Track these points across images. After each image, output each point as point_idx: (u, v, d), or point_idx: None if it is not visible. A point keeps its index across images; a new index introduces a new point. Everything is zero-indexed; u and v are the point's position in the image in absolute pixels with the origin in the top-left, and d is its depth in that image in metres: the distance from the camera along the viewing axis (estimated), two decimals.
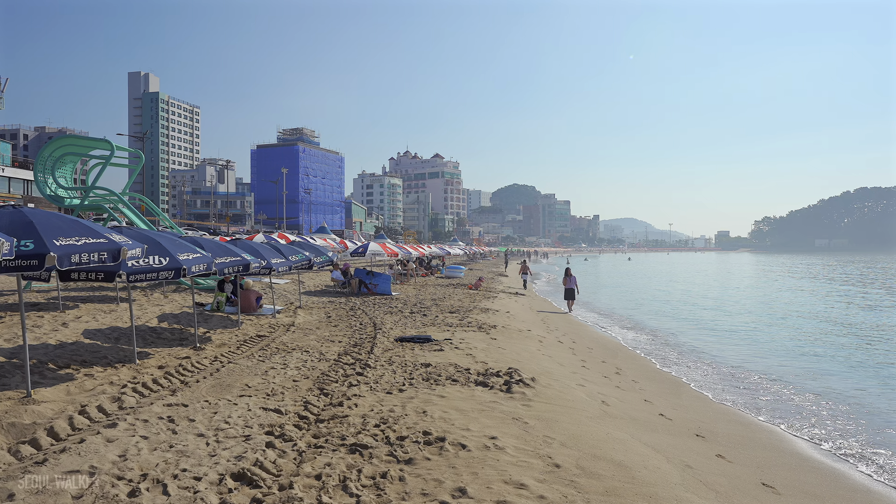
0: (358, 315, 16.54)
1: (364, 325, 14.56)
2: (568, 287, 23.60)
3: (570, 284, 23.53)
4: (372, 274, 23.46)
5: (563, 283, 23.81)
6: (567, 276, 23.78)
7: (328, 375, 8.50)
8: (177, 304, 15.90)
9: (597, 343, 16.08)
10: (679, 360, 14.63)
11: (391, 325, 14.60)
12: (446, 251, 51.96)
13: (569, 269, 24.34)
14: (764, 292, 39.26)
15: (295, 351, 10.55)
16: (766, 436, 8.33)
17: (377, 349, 10.85)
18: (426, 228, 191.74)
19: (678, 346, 16.76)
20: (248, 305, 15.52)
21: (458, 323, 15.35)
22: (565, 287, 23.72)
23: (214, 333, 12.19)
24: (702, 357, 15.08)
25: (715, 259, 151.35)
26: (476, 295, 25.34)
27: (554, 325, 18.42)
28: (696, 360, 14.53)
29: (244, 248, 12.28)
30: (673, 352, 15.79)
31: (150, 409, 6.38)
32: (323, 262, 16.91)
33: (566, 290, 23.68)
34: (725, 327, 21.39)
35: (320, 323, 14.73)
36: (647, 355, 15.11)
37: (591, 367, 11.70)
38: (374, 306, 18.84)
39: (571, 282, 23.54)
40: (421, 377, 8.52)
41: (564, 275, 23.90)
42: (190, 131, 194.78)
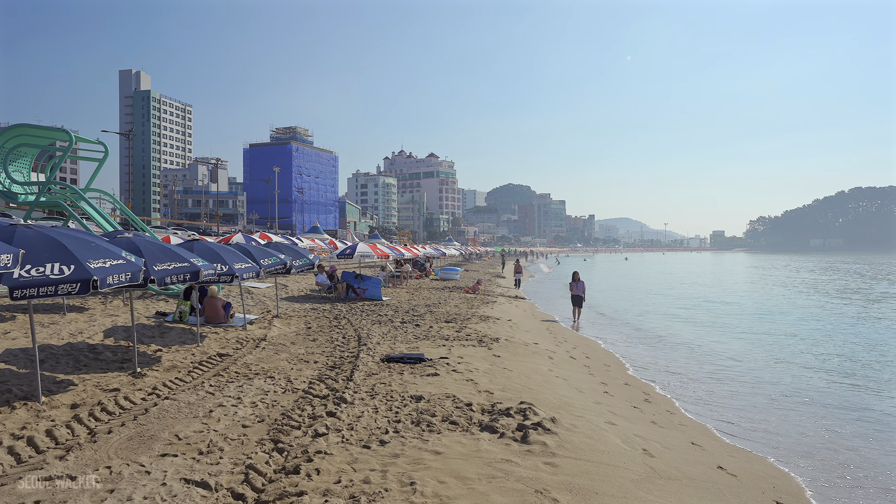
0: (342, 325, 14.64)
1: (347, 338, 12.66)
2: (575, 294, 20.98)
3: (578, 291, 20.92)
4: (361, 277, 21.56)
5: (570, 288, 21.09)
6: (574, 281, 21.02)
7: (290, 417, 6.59)
8: (134, 315, 13.93)
9: (612, 358, 14.21)
10: (707, 379, 12.79)
11: (378, 338, 12.71)
12: (441, 252, 50.05)
13: (577, 274, 21.27)
14: (773, 295, 37.54)
15: (258, 377, 8.65)
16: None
17: (358, 373, 8.95)
18: (421, 228, 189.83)
19: (704, 360, 14.92)
20: (215, 315, 13.60)
21: (455, 335, 13.47)
22: (572, 293, 21.04)
23: (168, 352, 10.27)
24: (738, 377, 13.23)
25: (712, 259, 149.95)
26: (474, 300, 23.48)
27: (562, 336, 16.56)
28: (735, 381, 12.68)
29: (202, 251, 10.37)
30: (695, 364, 13.95)
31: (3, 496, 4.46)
32: (303, 265, 15.01)
33: (573, 297, 21.04)
34: (755, 337, 19.55)
35: (297, 336, 12.82)
36: (672, 373, 13.26)
37: (615, 393, 9.84)
38: (361, 314, 16.95)
39: (579, 287, 20.93)
40: (410, 419, 6.63)
41: (572, 279, 21.12)
42: (182, 130, 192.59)
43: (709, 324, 22.71)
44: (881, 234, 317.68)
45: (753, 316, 25.60)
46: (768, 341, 18.24)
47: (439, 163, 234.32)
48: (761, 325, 22.26)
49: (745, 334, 19.78)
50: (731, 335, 19.58)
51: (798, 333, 20.06)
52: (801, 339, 18.69)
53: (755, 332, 20.28)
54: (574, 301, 21.06)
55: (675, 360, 14.72)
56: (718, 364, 14.27)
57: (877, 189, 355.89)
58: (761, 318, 24.58)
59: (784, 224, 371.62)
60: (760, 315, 25.96)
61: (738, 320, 23.87)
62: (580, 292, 20.88)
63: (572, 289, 21.01)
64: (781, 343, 17.89)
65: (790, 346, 17.20)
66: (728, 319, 24.18)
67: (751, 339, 18.77)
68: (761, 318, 24.58)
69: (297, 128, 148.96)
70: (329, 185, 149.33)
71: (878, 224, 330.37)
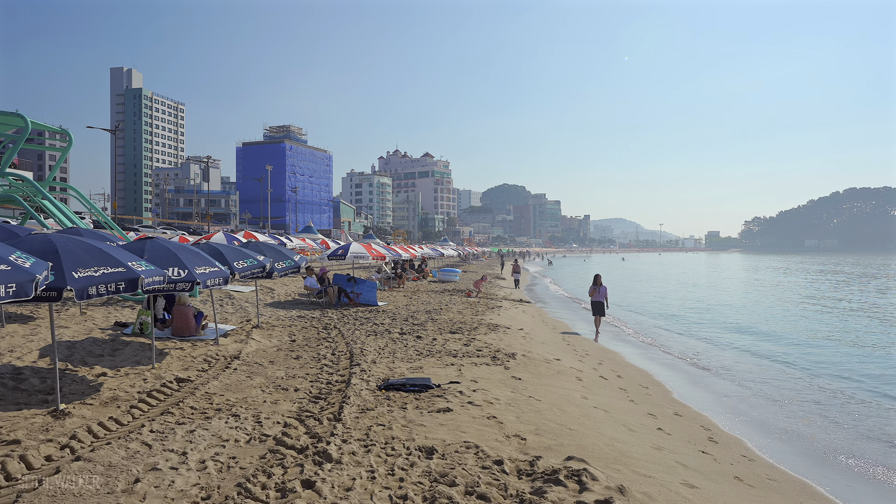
0: (332, 337, 12.68)
1: (337, 354, 10.70)
2: (596, 300, 17.92)
3: (599, 297, 17.81)
4: (354, 280, 19.59)
5: (590, 293, 18.02)
6: (595, 285, 17.96)
7: (249, 491, 4.62)
8: (87, 327, 11.93)
9: (646, 377, 12.28)
10: (772, 406, 10.90)
11: (374, 354, 10.76)
12: (439, 252, 48.10)
13: (598, 278, 18.11)
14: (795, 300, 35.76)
15: (219, 415, 6.69)
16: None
17: (349, 409, 6.99)
18: (416, 228, 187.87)
19: (763, 378, 13.04)
20: (184, 327, 11.62)
21: (463, 350, 11.53)
22: (592, 300, 18.05)
23: (114, 377, 8.29)
24: (822, 403, 11.34)
25: (710, 260, 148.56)
26: (478, 305, 21.54)
27: (582, 349, 14.62)
28: (824, 411, 10.78)
29: (155, 253, 8.39)
30: (752, 384, 12.08)
31: None
32: (286, 268, 13.03)
33: (594, 304, 18.08)
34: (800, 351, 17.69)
35: (278, 352, 10.85)
36: (722, 397, 11.37)
37: (671, 429, 7.91)
38: (354, 323, 14.99)
39: (601, 293, 17.80)
40: (421, 494, 4.66)
41: (592, 283, 18.13)
42: (174, 129, 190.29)
43: (744, 329, 20.83)
44: (876, 234, 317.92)
45: (787, 323, 23.77)
46: (827, 349, 16.38)
47: (434, 162, 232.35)
48: (807, 331, 20.43)
49: (795, 343, 17.93)
50: (780, 344, 17.71)
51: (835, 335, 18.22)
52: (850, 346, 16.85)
53: (803, 344, 18.43)
54: (594, 308, 18.18)
55: (721, 380, 12.81)
56: (783, 384, 12.38)
57: (871, 189, 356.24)
58: (801, 323, 22.76)
59: (779, 224, 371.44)
60: (799, 321, 24.14)
61: (775, 327, 22.01)
62: (602, 298, 17.90)
63: (593, 294, 18.03)
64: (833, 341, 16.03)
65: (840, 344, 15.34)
66: (766, 326, 22.32)
67: (805, 350, 16.91)
68: (801, 323, 22.76)
69: (290, 126, 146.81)
70: (323, 184, 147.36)
71: (872, 224, 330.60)
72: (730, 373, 13.30)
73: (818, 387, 11.98)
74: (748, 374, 13.17)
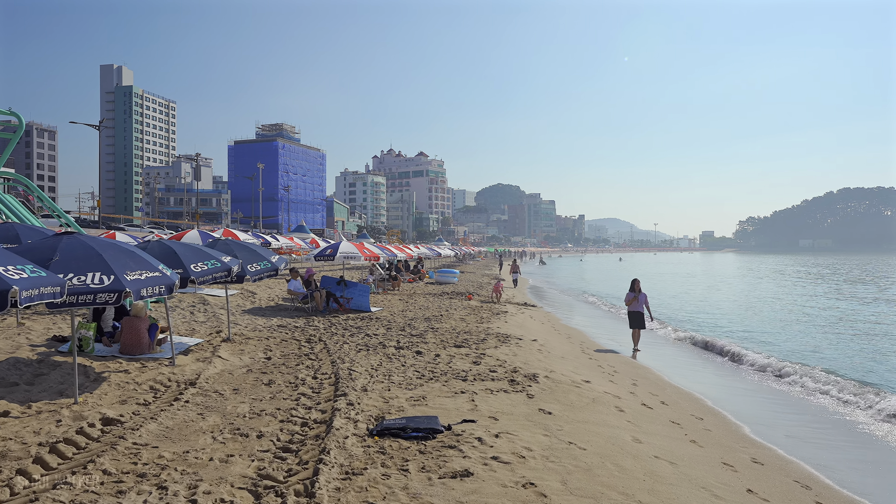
0: (315, 353, 10.65)
1: (320, 378, 8.67)
2: (634, 310, 14.78)
3: (638, 306, 14.71)
4: (344, 284, 17.56)
5: (627, 302, 15.00)
6: (633, 292, 14.76)
7: None
8: (15, 343, 9.82)
9: (698, 404, 10.25)
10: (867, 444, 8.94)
11: (365, 377, 8.74)
12: (436, 252, 46.12)
13: (637, 283, 14.99)
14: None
15: (140, 486, 4.64)
16: None
17: (328, 472, 4.96)
18: (410, 228, 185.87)
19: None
20: (135, 342, 9.55)
21: (474, 370, 9.52)
22: (630, 310, 14.93)
23: (21, 417, 6.23)
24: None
25: (707, 259, 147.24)
26: (481, 310, 19.55)
27: (608, 364, 12.62)
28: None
29: (70, 252, 6.34)
30: (833, 414, 10.14)
31: None
32: (262, 270, 10.97)
33: (632, 315, 14.90)
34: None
35: (247, 375, 8.81)
36: (808, 430, 9.40)
37: (767, 493, 5.91)
38: (343, 333, 12.96)
39: (640, 301, 14.71)
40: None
41: (630, 289, 14.94)
42: (166, 127, 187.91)
43: (789, 337, 18.92)
44: (870, 234, 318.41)
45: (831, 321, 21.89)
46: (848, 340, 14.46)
47: (429, 162, 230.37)
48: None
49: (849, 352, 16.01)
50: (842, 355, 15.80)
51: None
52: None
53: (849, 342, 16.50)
54: (633, 320, 14.89)
55: (789, 411, 10.85)
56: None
57: (865, 189, 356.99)
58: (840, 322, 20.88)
59: (773, 224, 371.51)
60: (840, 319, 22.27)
61: (814, 329, 20.13)
62: (642, 307, 14.71)
63: (631, 303, 14.81)
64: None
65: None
66: (808, 332, 20.42)
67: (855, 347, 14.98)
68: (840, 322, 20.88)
69: (283, 125, 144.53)
70: (316, 183, 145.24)
71: (866, 224, 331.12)
72: (794, 398, 11.34)
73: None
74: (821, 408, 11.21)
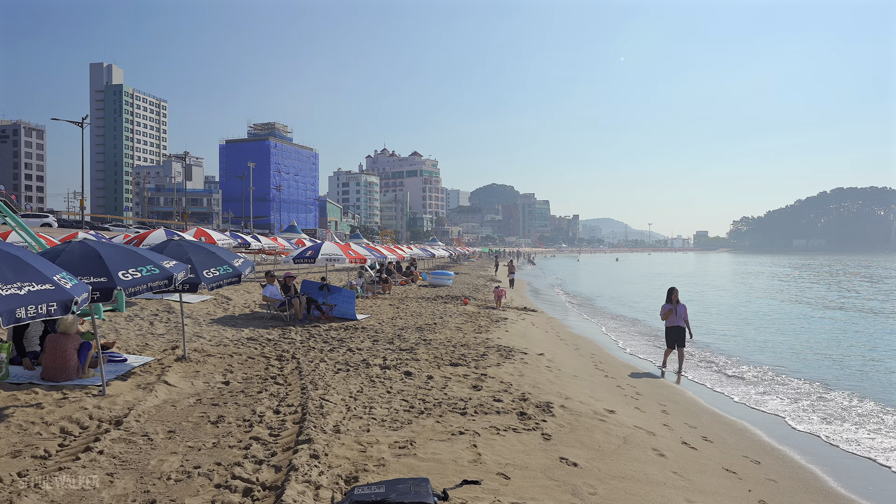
0: (285, 375, 8.92)
1: (283, 413, 6.95)
2: (673, 325, 12.29)
3: (678, 320, 12.24)
4: (328, 289, 15.83)
5: (662, 315, 12.40)
6: (671, 303, 12.28)
7: None
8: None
9: (745, 438, 8.55)
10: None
11: (341, 411, 7.03)
12: (430, 253, 44.41)
13: (675, 292, 12.32)
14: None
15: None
16: None
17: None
18: (404, 228, 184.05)
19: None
20: (59, 366, 7.80)
21: (475, 399, 7.82)
22: (667, 325, 12.38)
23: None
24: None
25: (702, 259, 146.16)
26: (478, 316, 17.86)
27: (626, 383, 10.91)
28: None
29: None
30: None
31: None
32: (221, 276, 9.22)
33: (669, 332, 12.37)
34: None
35: (194, 408, 7.08)
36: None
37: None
38: (322, 347, 11.22)
39: (680, 315, 12.24)
40: None
41: (667, 299, 12.40)
42: (156, 126, 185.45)
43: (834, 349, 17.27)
44: (863, 234, 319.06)
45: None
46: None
47: (423, 161, 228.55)
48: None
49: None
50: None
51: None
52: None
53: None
54: (671, 337, 12.34)
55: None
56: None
57: (858, 189, 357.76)
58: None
59: (767, 224, 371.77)
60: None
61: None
62: (682, 321, 12.22)
63: (667, 316, 12.27)
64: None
65: None
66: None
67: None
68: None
69: (275, 124, 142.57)
70: (309, 183, 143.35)
71: (859, 224, 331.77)
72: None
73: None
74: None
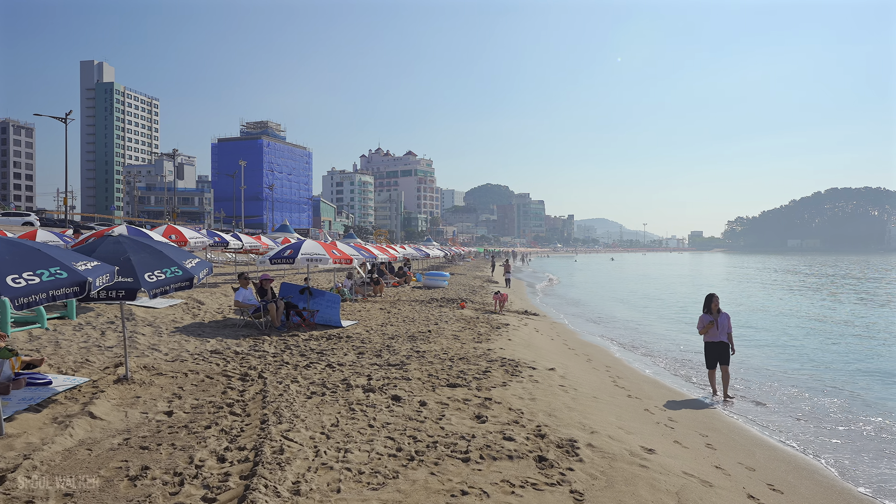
0: (246, 401, 7.25)
1: (229, 460, 5.27)
2: (714, 340, 9.94)
3: (720, 334, 9.88)
4: (309, 292, 14.16)
5: (701, 329, 9.99)
6: (711, 311, 9.96)
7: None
8: None
9: (823, 488, 6.91)
10: None
11: (308, 453, 5.37)
12: (424, 253, 42.74)
13: (715, 299, 10.00)
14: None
15: None
16: None
17: None
18: (399, 228, 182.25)
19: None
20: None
21: (478, 436, 6.17)
22: (707, 340, 10.03)
23: None
24: None
25: (698, 259, 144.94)
26: (477, 322, 16.23)
27: (655, 405, 9.27)
28: None
29: None
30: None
31: None
32: (166, 280, 7.53)
33: (711, 348, 10.00)
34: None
35: (112, 454, 5.41)
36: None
37: None
38: (297, 363, 9.55)
39: (723, 327, 9.87)
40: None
41: (705, 308, 10.05)
42: (148, 125, 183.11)
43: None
44: (857, 234, 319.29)
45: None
46: None
47: (417, 161, 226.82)
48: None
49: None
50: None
51: None
52: None
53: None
54: (712, 355, 9.97)
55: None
56: None
57: (852, 190, 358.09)
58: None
59: (762, 224, 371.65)
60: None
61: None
62: (724, 336, 9.84)
63: (707, 330, 9.90)
64: None
65: None
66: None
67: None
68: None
69: (268, 122, 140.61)
70: (302, 182, 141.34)
71: (854, 224, 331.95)
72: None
73: None
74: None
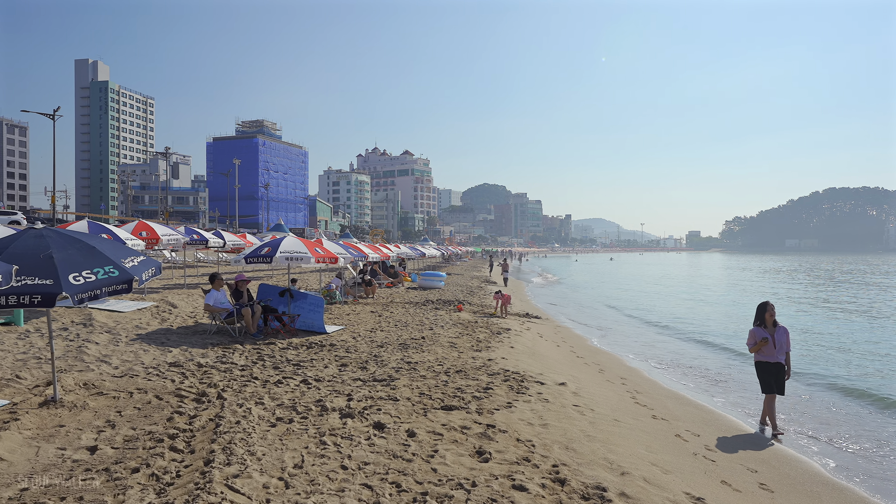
0: (194, 430, 5.88)
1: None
2: (771, 361, 7.93)
3: (778, 353, 7.90)
4: (290, 295, 12.77)
5: (753, 346, 8.01)
6: (765, 323, 8.05)
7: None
8: None
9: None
10: None
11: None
12: (420, 252, 41.38)
13: (770, 309, 8.04)
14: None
15: None
16: None
17: None
18: (395, 227, 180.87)
19: None
20: None
21: (480, 483, 4.80)
22: (759, 359, 8.04)
23: None
24: None
25: (696, 260, 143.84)
26: (476, 327, 14.87)
27: (688, 431, 7.92)
28: None
29: None
30: None
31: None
32: (95, 284, 6.13)
33: (765, 370, 7.98)
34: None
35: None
36: None
37: None
38: (268, 378, 8.15)
39: (781, 345, 7.89)
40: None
41: (756, 320, 8.15)
42: (143, 124, 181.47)
43: None
44: (855, 234, 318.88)
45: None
46: None
47: (414, 160, 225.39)
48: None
49: None
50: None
51: None
52: None
53: None
54: (767, 377, 7.97)
55: None
56: None
57: (850, 190, 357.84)
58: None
59: (759, 224, 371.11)
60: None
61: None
62: (781, 356, 7.93)
63: (762, 347, 7.95)
64: None
65: None
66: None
67: None
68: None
69: (264, 121, 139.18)
70: (298, 181, 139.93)
71: (851, 224, 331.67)
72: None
73: None
74: None
